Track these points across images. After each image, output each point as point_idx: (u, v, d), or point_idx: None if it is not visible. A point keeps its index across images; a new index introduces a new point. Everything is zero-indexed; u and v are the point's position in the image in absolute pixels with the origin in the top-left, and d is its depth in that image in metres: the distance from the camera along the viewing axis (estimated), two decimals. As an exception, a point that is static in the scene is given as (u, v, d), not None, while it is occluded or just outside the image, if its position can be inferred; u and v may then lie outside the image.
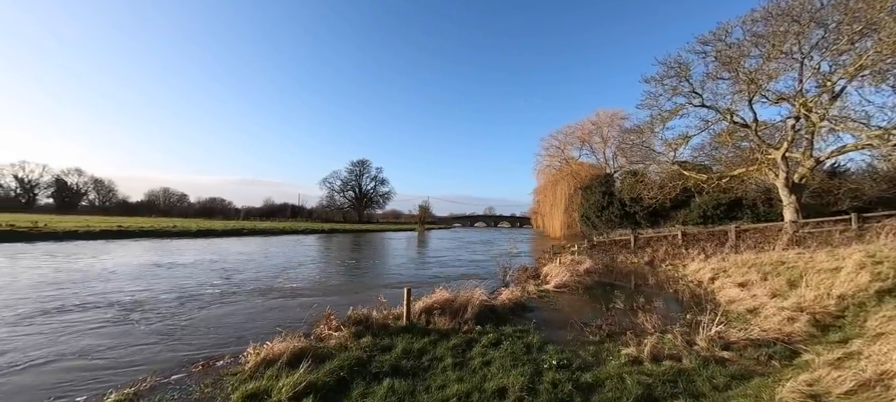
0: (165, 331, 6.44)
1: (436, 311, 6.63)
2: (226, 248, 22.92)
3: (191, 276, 12.12)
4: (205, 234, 33.93)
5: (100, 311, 7.62)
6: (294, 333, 5.33)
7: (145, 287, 10.10)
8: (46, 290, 9.41)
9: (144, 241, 26.55)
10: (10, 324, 6.62)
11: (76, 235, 26.61)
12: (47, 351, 5.39)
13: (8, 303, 8.04)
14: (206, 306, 8.27)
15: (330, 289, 10.87)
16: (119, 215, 66.23)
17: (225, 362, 5.03)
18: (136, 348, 5.62)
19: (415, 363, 4.78)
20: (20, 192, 73.47)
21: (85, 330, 6.39)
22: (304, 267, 15.38)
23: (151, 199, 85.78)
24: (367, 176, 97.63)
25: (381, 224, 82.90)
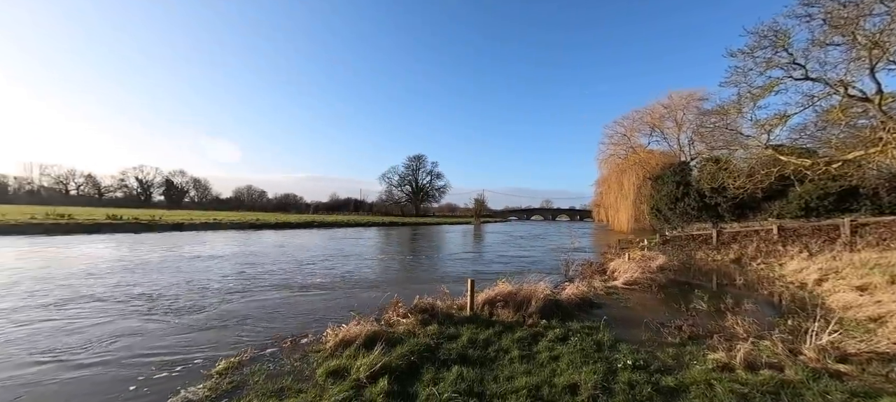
0: (258, 312, 7.29)
1: (499, 303, 6.63)
2: (299, 239, 25.16)
3: (275, 262, 13.54)
4: (282, 226, 37.58)
5: (209, 292, 8.87)
6: (366, 318, 5.72)
7: (241, 273, 11.51)
8: (164, 273, 11.19)
9: (233, 231, 30.19)
10: (153, 299, 8.00)
11: (182, 226, 31.14)
12: (173, 322, 6.43)
13: (149, 282, 9.72)
14: (289, 290, 9.19)
15: (391, 279, 11.42)
16: (213, 209, 76.16)
17: (308, 339, 5.56)
18: (238, 322, 6.45)
19: (481, 353, 4.84)
20: (139, 190, 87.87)
21: (200, 305, 7.49)
22: (366, 258, 16.33)
23: (238, 195, 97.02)
24: (423, 170, 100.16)
25: (437, 217, 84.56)
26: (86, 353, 5.06)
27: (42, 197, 73.38)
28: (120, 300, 7.83)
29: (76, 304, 7.48)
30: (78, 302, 7.61)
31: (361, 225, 46.41)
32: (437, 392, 3.70)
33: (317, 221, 45.45)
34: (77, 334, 5.80)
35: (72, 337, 5.65)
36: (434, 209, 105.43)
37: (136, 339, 5.63)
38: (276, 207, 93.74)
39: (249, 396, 3.78)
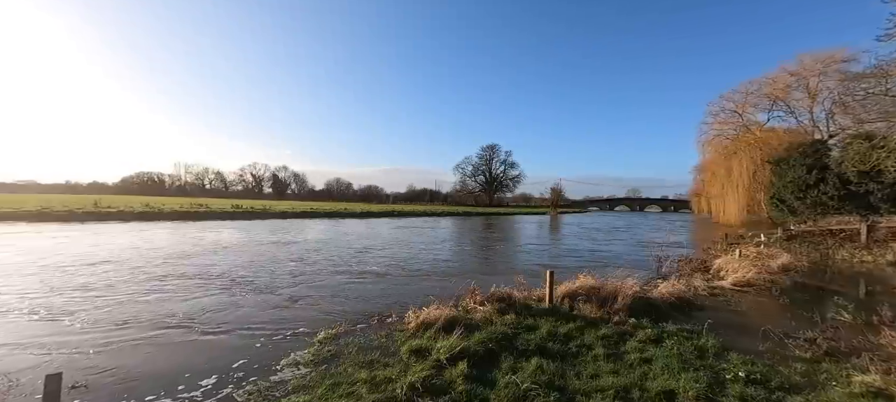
0: (349, 291, 8.09)
1: (580, 297, 6.30)
2: (381, 227, 27.06)
3: (365, 249, 14.83)
4: (365, 215, 40.86)
5: (308, 272, 10.12)
6: (445, 303, 5.92)
7: (335, 258, 12.87)
8: (270, 259, 13.04)
9: (326, 220, 33.75)
10: (276, 275, 9.46)
11: (285, 214, 35.87)
12: (284, 294, 7.51)
13: (266, 261, 11.50)
14: (372, 274, 9.99)
15: (465, 268, 11.61)
16: (309, 200, 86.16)
17: (392, 319, 5.99)
18: (334, 300, 7.25)
19: (561, 347, 4.67)
20: (253, 184, 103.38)
21: (303, 282, 8.61)
22: (441, 247, 16.85)
23: (329, 187, 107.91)
24: (496, 160, 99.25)
25: (511, 208, 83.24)
26: (216, 318, 6.19)
27: (186, 190, 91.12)
28: (243, 275, 9.38)
29: (207, 278, 9.17)
30: (208, 277, 9.32)
31: (436, 215, 48.00)
32: (516, 381, 3.68)
33: (396, 210, 48.36)
34: (205, 301, 7.12)
35: (201, 303, 6.95)
36: (508, 200, 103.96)
37: (253, 309, 6.70)
38: (360, 197, 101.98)
39: (345, 364, 4.23)
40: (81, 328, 5.45)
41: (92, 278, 8.64)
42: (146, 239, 16.00)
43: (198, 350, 4.79)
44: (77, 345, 4.84)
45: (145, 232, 18.98)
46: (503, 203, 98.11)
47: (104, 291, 7.53)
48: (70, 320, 5.81)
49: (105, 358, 4.47)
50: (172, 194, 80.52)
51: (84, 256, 11.46)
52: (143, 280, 8.54)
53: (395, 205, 72.34)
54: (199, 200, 52.97)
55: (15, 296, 7.00)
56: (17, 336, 5.12)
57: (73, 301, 6.77)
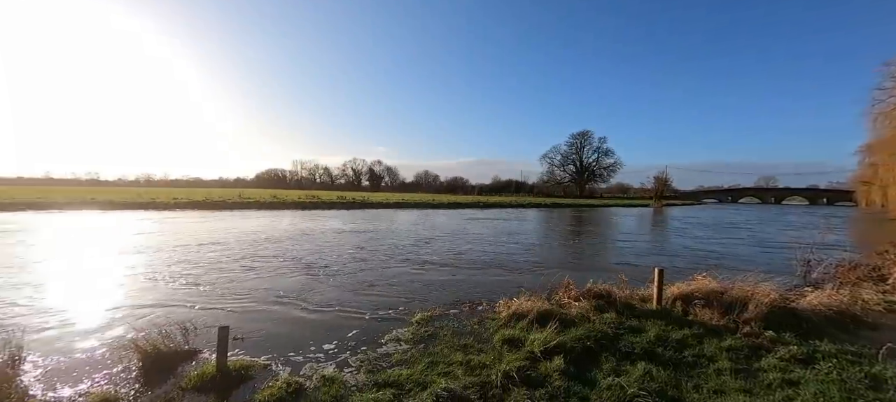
0: (442, 277, 8.48)
1: (697, 301, 5.51)
2: (468, 218, 27.57)
3: (453, 238, 15.38)
4: (452, 206, 42.12)
5: (401, 258, 10.92)
6: (537, 295, 5.79)
7: (428, 247, 13.62)
8: (380, 242, 14.35)
9: (416, 210, 35.76)
10: (386, 260, 10.54)
11: (381, 205, 39.12)
12: (382, 275, 8.26)
13: (370, 249, 12.82)
14: (462, 263, 10.27)
15: (554, 261, 11.11)
16: (400, 191, 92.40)
17: (483, 307, 6.09)
18: (426, 286, 7.70)
19: (674, 355, 4.16)
20: (353, 178, 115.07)
21: (400, 269, 9.34)
22: (528, 238, 16.40)
23: (418, 179, 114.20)
24: (588, 148, 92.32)
25: (606, 199, 76.56)
26: (326, 295, 7.08)
27: (302, 184, 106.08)
28: (350, 259, 10.57)
29: (320, 259, 10.54)
30: (321, 258, 10.69)
31: (522, 206, 46.89)
32: (621, 384, 3.42)
33: (481, 201, 48.75)
34: (318, 281, 8.18)
35: (320, 280, 8.01)
36: (602, 190, 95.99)
37: (359, 289, 7.50)
38: (447, 189, 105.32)
39: (441, 345, 4.46)
40: (220, 295, 6.83)
41: (222, 255, 10.72)
42: (273, 225, 19.18)
43: (317, 321, 5.58)
44: (219, 308, 6.09)
45: (274, 220, 22.73)
46: (596, 194, 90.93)
47: (237, 264, 9.30)
48: (210, 287, 7.33)
49: (244, 321, 5.53)
50: (292, 187, 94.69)
51: (222, 234, 14.30)
52: (266, 257, 10.27)
53: (481, 196, 72.87)
54: (312, 192, 61.31)
55: (188, 265, 9.11)
56: (180, 298, 6.66)
57: (222, 272, 8.52)
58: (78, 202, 27.94)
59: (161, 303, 6.25)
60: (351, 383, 3.64)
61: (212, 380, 3.54)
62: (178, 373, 3.80)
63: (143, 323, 5.18)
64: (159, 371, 3.82)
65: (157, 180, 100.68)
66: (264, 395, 3.29)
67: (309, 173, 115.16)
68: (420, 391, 3.38)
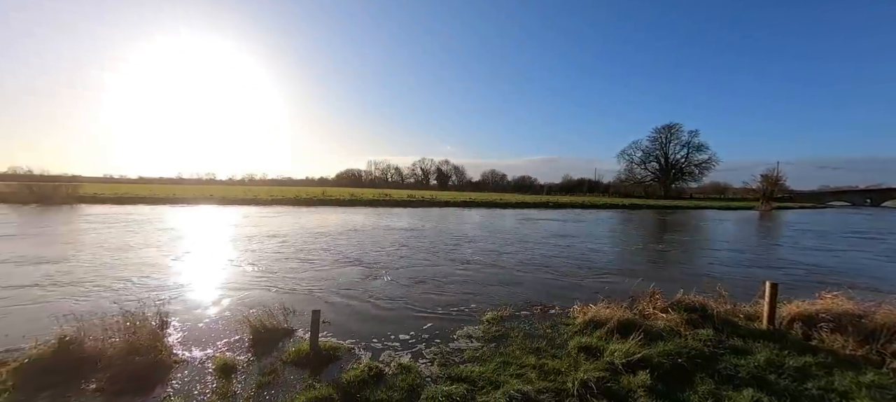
0: (513, 278, 8.36)
1: (823, 324, 4.61)
2: (536, 218, 26.71)
3: (522, 239, 15.08)
4: (520, 205, 41.17)
5: (472, 261, 11.02)
6: (617, 303, 5.38)
7: (497, 247, 13.56)
8: (454, 240, 14.70)
9: (483, 209, 35.68)
10: (461, 262, 10.88)
11: (448, 204, 39.88)
12: (453, 276, 8.44)
13: (447, 248, 13.25)
14: (535, 264, 9.99)
15: (634, 267, 10.18)
16: (467, 190, 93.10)
17: (555, 311, 5.86)
18: (496, 286, 7.67)
19: (792, 385, 3.54)
20: (421, 177, 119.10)
21: (471, 268, 9.46)
22: (603, 241, 15.27)
23: (484, 178, 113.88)
24: (675, 143, 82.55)
25: (697, 200, 67.80)
26: (403, 288, 7.43)
27: (375, 183, 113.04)
28: (420, 257, 10.99)
29: (393, 253, 11.10)
30: (399, 254, 11.26)
31: (596, 207, 43.88)
32: (721, 411, 3.02)
33: (551, 201, 46.77)
34: (395, 273, 8.61)
35: (398, 273, 8.45)
36: (692, 190, 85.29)
37: (432, 285, 7.75)
38: (514, 188, 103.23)
39: (512, 347, 4.41)
40: (304, 279, 7.57)
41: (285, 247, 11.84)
42: (350, 220, 20.78)
43: (393, 312, 5.91)
44: (305, 291, 6.76)
45: (351, 216, 24.63)
46: (684, 194, 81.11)
47: (312, 256, 10.23)
48: (299, 273, 8.15)
49: (329, 306, 6.07)
50: (366, 186, 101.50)
51: (309, 227, 15.84)
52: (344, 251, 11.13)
53: (550, 196, 70.02)
54: (385, 190, 65.03)
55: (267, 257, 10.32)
56: (272, 282, 7.54)
57: (294, 263, 9.46)
58: (199, 198, 33.57)
59: (256, 285, 7.21)
60: (425, 373, 3.80)
61: (306, 357, 3.99)
62: (279, 347, 4.35)
63: (250, 300, 6.04)
64: (264, 344, 4.42)
65: (257, 180, 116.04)
66: (350, 375, 3.60)
67: (381, 173, 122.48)
68: (493, 389, 3.39)
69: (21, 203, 25.49)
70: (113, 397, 3.30)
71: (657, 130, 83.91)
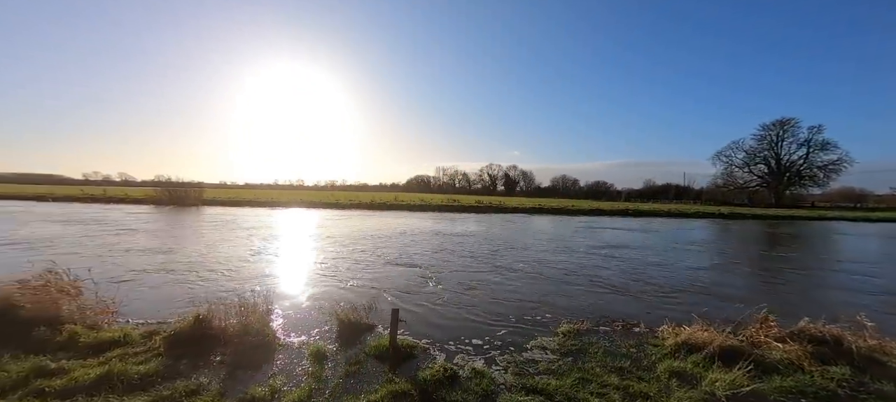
0: (592, 289, 7.89)
1: None
2: (612, 227, 24.75)
3: (594, 250, 14.16)
4: (593, 213, 38.59)
5: (546, 270, 10.66)
6: (716, 326, 4.75)
7: (569, 256, 12.95)
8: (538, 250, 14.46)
9: (552, 216, 34.22)
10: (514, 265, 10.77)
11: (516, 210, 39.06)
12: (532, 285, 8.26)
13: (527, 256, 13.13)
14: (611, 275, 9.29)
15: (737, 290, 8.80)
16: (535, 196, 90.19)
17: (640, 329, 5.37)
18: (568, 297, 7.30)
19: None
20: (489, 182, 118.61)
21: (542, 278, 9.17)
22: (695, 256, 13.49)
23: (554, 184, 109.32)
24: (790, 141, 69.80)
25: (822, 209, 56.20)
26: (476, 293, 7.46)
27: (443, 188, 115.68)
28: (493, 262, 10.95)
29: (465, 257, 11.20)
30: (469, 259, 11.36)
31: (686, 215, 39.05)
32: (867, 469, 2.47)
33: (630, 209, 42.93)
34: (471, 278, 8.68)
35: (470, 276, 8.53)
36: (814, 198, 71.25)
37: (508, 292, 7.67)
38: (587, 194, 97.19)
39: (591, 364, 4.15)
40: (380, 278, 7.99)
41: (362, 252, 12.48)
42: (416, 225, 21.54)
43: (467, 317, 5.99)
44: (382, 289, 7.13)
45: (420, 221, 25.53)
46: (804, 202, 68.10)
47: (371, 258, 10.73)
48: (376, 273, 8.63)
49: (406, 305, 6.35)
50: (435, 191, 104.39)
51: (384, 230, 16.75)
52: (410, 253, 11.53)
53: (629, 202, 64.36)
54: (453, 196, 66.19)
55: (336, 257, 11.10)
56: (353, 280, 8.10)
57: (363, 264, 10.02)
58: (291, 201, 37.91)
59: (336, 282, 7.86)
60: (499, 381, 3.78)
61: (386, 352, 4.25)
62: (361, 340, 4.71)
63: (334, 295, 6.63)
64: (349, 336, 4.82)
65: (337, 185, 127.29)
66: (426, 374, 3.75)
67: (449, 178, 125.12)
68: (572, 406, 3.24)
69: (162, 204, 31.55)
70: (232, 368, 3.90)
71: (765, 126, 72.02)
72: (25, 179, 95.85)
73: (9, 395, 3.20)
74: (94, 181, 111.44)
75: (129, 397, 3.23)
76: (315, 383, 3.61)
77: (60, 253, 10.14)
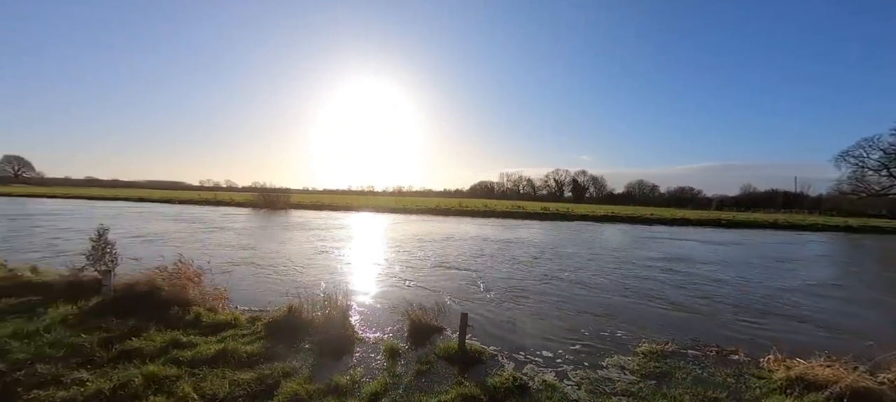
0: (672, 311, 7.15)
1: None
2: (698, 239, 21.97)
3: (681, 262, 12.75)
4: (677, 222, 34.69)
5: (625, 282, 9.92)
6: (842, 362, 3.97)
7: (655, 270, 11.89)
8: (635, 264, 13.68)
9: (626, 225, 31.49)
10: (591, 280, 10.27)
11: (584, 217, 36.86)
12: (608, 298, 7.78)
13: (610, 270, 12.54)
14: (704, 293, 8.29)
15: (869, 318, 7.18)
16: (607, 203, 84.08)
17: (739, 357, 4.70)
18: (646, 314, 6.69)
19: None
20: (555, 189, 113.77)
21: (614, 292, 8.57)
22: (819, 275, 11.31)
23: (629, 190, 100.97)
24: (952, 139, 54.75)
25: None
26: (546, 301, 7.22)
27: (507, 194, 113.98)
28: (559, 268, 10.52)
29: (531, 265, 10.89)
30: (523, 268, 11.04)
31: (798, 227, 33.00)
32: None
33: (723, 219, 37.68)
34: (541, 286, 8.43)
35: (541, 287, 8.28)
36: None
37: (582, 302, 7.31)
38: (669, 201, 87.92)
39: (678, 391, 3.76)
40: (443, 281, 8.09)
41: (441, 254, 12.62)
42: (481, 232, 21.46)
43: (538, 324, 5.84)
44: (440, 295, 7.23)
45: (483, 228, 25.45)
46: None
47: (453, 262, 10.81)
48: (440, 277, 8.77)
49: (475, 310, 6.38)
50: (498, 198, 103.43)
51: (451, 235, 16.99)
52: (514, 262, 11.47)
53: (722, 212, 56.57)
54: (517, 202, 64.87)
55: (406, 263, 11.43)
56: (421, 281, 8.33)
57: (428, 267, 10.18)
58: (363, 206, 40.70)
59: (407, 284, 8.19)
60: (572, 397, 3.62)
61: (455, 355, 4.34)
62: (431, 341, 4.87)
63: (406, 296, 6.94)
64: (419, 336, 5.01)
65: (404, 191, 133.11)
66: (495, 381, 3.74)
67: (513, 185, 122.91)
68: (656, 433, 2.97)
69: (258, 208, 36.17)
70: (318, 356, 4.32)
71: (913, 121, 57.70)
72: (155, 185, 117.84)
73: (155, 360, 3.95)
74: (207, 187, 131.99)
75: (240, 371, 3.78)
76: (390, 378, 3.84)
77: (178, 246, 12.22)
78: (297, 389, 3.45)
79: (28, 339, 4.31)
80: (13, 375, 3.58)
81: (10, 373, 3.61)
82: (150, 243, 13.23)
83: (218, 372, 3.74)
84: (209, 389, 3.42)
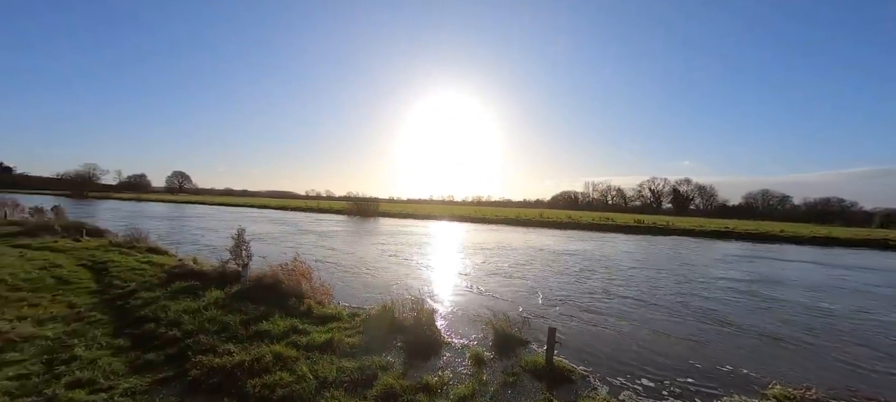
0: (811, 352, 5.87)
1: None
2: (864, 266, 17.39)
3: (820, 291, 10.36)
4: (820, 241, 28.09)
5: (755, 313, 8.49)
6: None
7: (779, 304, 9.97)
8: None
9: (747, 243, 26.52)
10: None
11: (692, 232, 32.19)
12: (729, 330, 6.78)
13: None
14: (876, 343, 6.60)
15: None
16: (719, 216, 72.17)
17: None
18: (783, 354, 5.57)
19: None
20: (651, 199, 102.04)
21: (738, 326, 7.36)
22: None
23: (749, 201, 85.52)
24: None
25: None
26: (652, 325, 6.53)
27: (593, 205, 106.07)
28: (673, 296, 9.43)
29: (635, 285, 9.93)
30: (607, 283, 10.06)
31: None
32: None
33: (891, 239, 29.27)
34: (643, 309, 7.66)
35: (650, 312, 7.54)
36: None
37: (688, 329, 6.47)
38: (805, 215, 71.86)
39: (829, 448, 3.06)
40: (533, 294, 7.78)
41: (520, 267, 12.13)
42: (566, 246, 20.26)
43: (639, 348, 5.34)
44: (522, 308, 6.96)
45: (568, 241, 24.06)
46: None
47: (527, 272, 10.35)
48: (530, 292, 8.48)
49: (564, 328, 6.08)
50: (583, 208, 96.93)
51: (534, 248, 16.41)
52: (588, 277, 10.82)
53: (888, 229, 43.95)
54: (605, 213, 59.93)
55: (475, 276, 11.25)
56: (502, 293, 8.17)
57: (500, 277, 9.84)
58: (443, 215, 42.08)
59: (491, 294, 8.17)
60: (681, 434, 3.21)
61: (542, 370, 4.21)
62: (515, 353, 4.80)
63: (488, 305, 6.97)
64: (503, 347, 4.99)
65: (483, 201, 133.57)
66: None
67: (600, 195, 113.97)
68: None
69: (351, 215, 40.08)
70: (409, 355, 4.60)
71: None
72: (272, 195, 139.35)
73: (279, 341, 4.67)
74: (311, 197, 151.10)
75: (344, 359, 4.25)
76: (477, 385, 3.90)
77: (289, 246, 14.18)
78: (393, 383, 3.73)
79: (194, 314, 5.49)
80: (185, 341, 4.59)
81: (183, 339, 4.64)
82: (274, 243, 15.71)
83: (327, 358, 4.26)
84: (321, 372, 3.91)
